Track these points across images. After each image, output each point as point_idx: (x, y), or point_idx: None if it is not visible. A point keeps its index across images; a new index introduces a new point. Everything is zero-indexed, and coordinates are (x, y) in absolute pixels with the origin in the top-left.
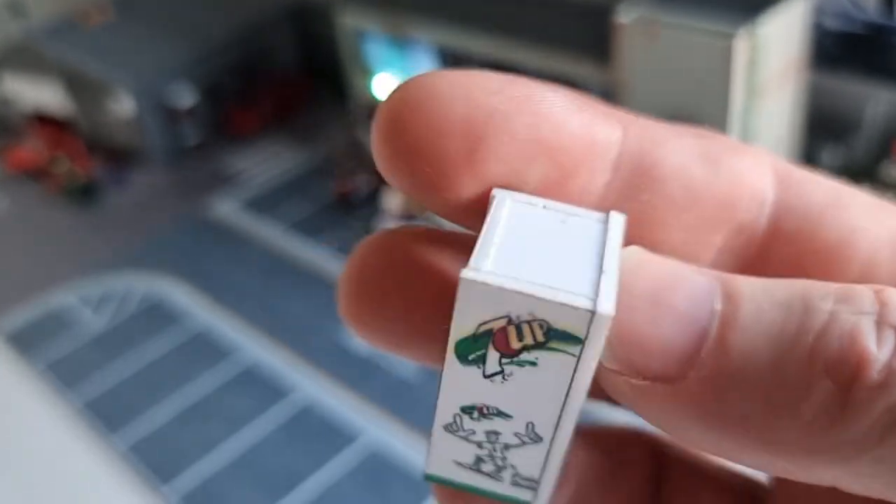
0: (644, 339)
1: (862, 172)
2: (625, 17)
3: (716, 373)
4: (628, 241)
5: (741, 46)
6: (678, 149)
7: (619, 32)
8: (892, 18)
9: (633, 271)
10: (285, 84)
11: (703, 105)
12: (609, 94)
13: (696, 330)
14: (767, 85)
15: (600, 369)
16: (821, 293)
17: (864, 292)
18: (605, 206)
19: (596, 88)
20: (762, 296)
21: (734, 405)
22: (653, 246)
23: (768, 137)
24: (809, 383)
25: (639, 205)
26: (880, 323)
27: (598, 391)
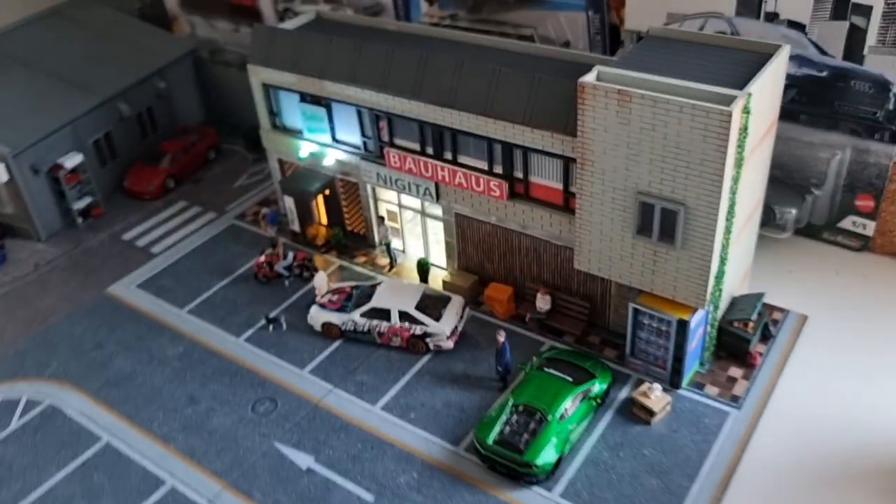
0: None
1: (823, 227)
2: (588, 78)
3: None
4: None
5: (737, 116)
6: None
7: (583, 96)
8: (861, 63)
9: None
10: (189, 139)
11: (688, 179)
12: (573, 168)
13: None
14: (750, 151)
15: None
16: None
17: None
18: None
19: (552, 156)
20: None
21: None
22: None
23: (748, 204)
24: None
25: None
26: None
27: None
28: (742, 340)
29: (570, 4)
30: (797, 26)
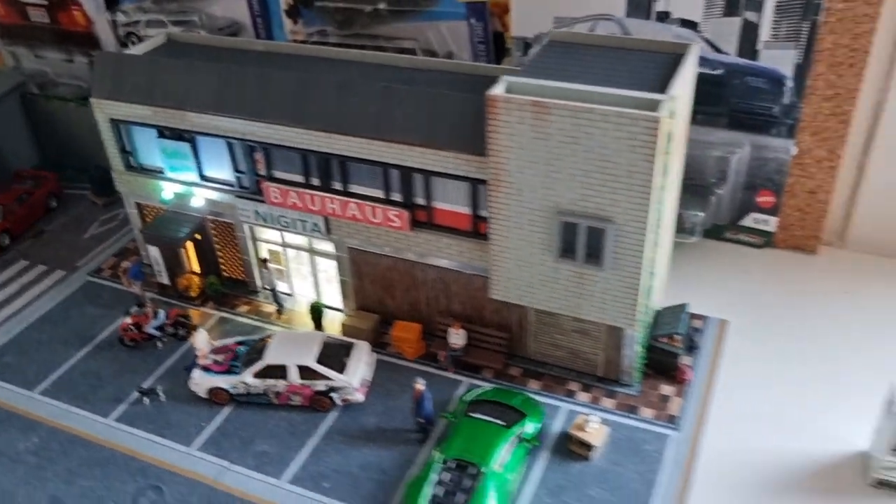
0: None
1: (725, 226)
2: (497, 90)
3: None
4: None
5: (665, 118)
6: None
7: (494, 111)
8: (755, 58)
9: None
10: (24, 186)
11: (615, 193)
12: (483, 190)
13: None
14: (673, 157)
15: None
16: None
17: None
18: None
19: (458, 180)
20: None
21: None
22: None
23: (670, 214)
24: None
25: None
26: None
27: None
28: (670, 356)
29: (451, 14)
30: (690, 25)
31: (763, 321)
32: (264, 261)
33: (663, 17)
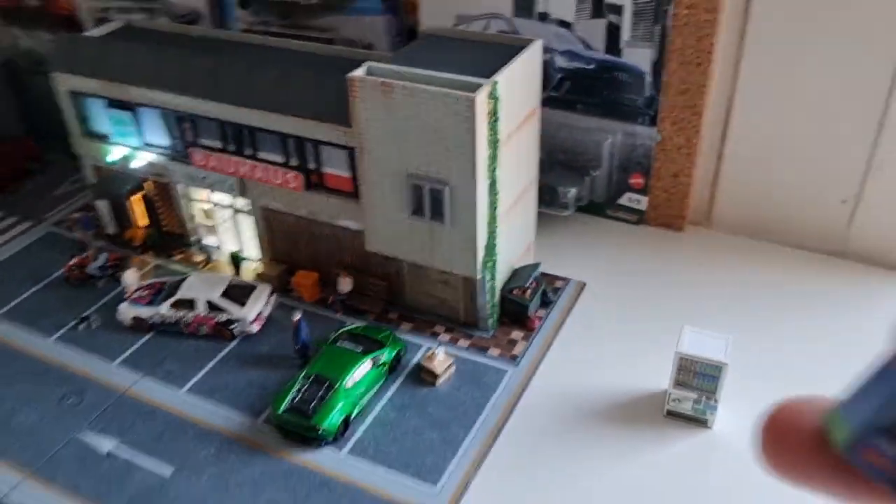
0: None
1: (605, 204)
2: (358, 73)
3: None
4: None
5: (482, 101)
6: None
7: (353, 89)
8: (620, 55)
9: None
10: (4, 149)
11: (449, 161)
12: (351, 155)
13: None
14: (508, 135)
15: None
16: None
17: None
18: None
19: (339, 147)
20: None
21: None
22: None
23: (517, 182)
24: None
25: None
26: None
27: None
28: (520, 306)
29: (370, 9)
30: (565, 24)
31: (617, 286)
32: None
33: (544, 17)
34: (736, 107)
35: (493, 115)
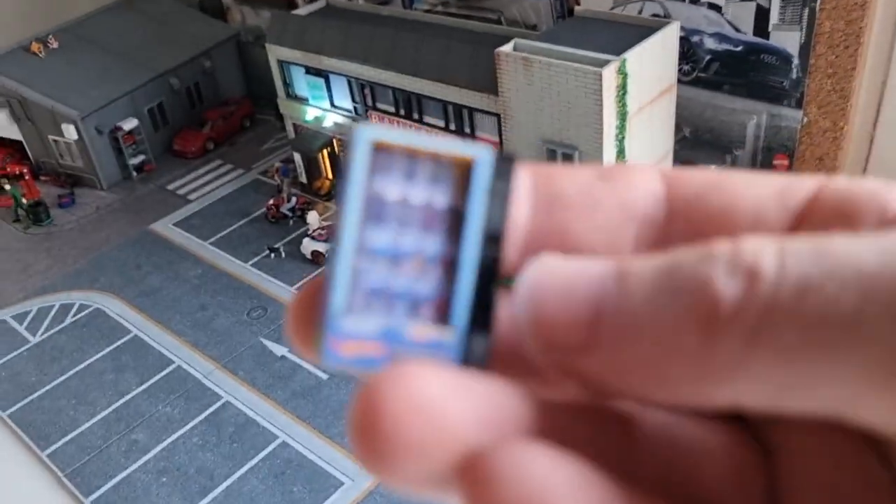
0: (557, 321)
1: None
2: (505, 48)
3: (617, 333)
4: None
5: (609, 76)
6: (576, 176)
7: (499, 63)
8: (767, 38)
9: (542, 273)
10: (228, 109)
11: (579, 129)
12: (499, 121)
13: (594, 305)
14: (639, 109)
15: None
16: (687, 254)
17: (720, 244)
18: (531, 240)
19: (489, 114)
20: (646, 268)
21: (635, 355)
22: (578, 250)
23: (643, 156)
24: (684, 328)
25: (556, 223)
26: (733, 265)
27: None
28: None
29: None
30: (715, 8)
31: None
32: None
33: (695, 0)
34: (889, 91)
35: (622, 89)
